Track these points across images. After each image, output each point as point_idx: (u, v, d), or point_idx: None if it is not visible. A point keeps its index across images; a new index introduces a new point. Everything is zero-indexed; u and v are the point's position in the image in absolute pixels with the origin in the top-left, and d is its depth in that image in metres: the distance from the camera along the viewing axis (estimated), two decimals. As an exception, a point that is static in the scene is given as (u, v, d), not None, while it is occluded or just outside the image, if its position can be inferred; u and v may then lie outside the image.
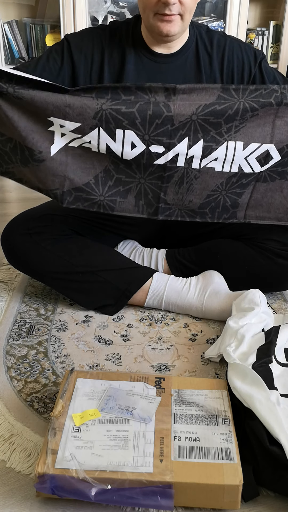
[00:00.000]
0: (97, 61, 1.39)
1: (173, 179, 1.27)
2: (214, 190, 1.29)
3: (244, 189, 1.31)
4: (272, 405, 0.97)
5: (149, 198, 1.30)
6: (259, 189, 1.31)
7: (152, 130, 1.20)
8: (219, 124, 1.20)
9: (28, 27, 2.96)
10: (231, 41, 1.43)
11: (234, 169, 1.26)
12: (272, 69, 1.47)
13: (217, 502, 0.88)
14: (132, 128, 1.19)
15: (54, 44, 1.44)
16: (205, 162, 1.25)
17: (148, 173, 1.26)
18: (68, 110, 1.18)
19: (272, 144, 1.24)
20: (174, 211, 1.33)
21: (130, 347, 1.33)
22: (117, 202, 1.30)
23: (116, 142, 1.21)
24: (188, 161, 1.24)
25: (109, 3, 2.97)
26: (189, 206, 1.32)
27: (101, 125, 1.19)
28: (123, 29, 1.41)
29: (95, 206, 1.30)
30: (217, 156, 1.24)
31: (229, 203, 1.32)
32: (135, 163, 1.25)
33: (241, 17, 2.95)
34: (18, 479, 0.96)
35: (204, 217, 1.34)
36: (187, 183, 1.27)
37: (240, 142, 1.23)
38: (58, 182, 1.27)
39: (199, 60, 1.41)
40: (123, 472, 0.88)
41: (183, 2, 1.27)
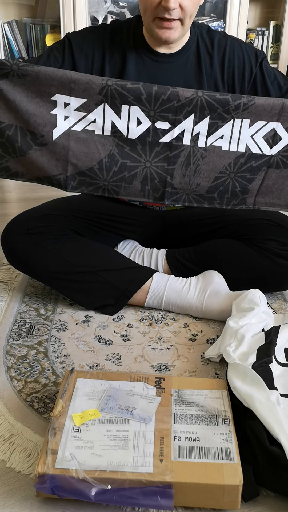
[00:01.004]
0: (98, 60, 1.40)
1: (180, 159, 1.25)
2: (222, 172, 1.27)
3: (255, 175, 1.28)
4: (272, 405, 0.97)
5: (155, 183, 1.28)
6: (271, 175, 1.29)
7: (157, 106, 1.19)
8: (227, 101, 1.19)
9: (28, 27, 2.96)
10: (232, 41, 1.43)
11: (241, 148, 1.25)
12: (273, 69, 1.47)
13: (217, 502, 0.88)
14: (138, 103, 1.19)
15: (55, 42, 1.44)
16: (211, 140, 1.23)
17: (153, 154, 1.24)
18: (74, 86, 1.17)
19: (279, 123, 1.22)
20: (182, 196, 1.30)
21: (130, 347, 1.33)
22: (122, 187, 1.28)
23: (122, 119, 1.20)
24: (194, 139, 1.23)
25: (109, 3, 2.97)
26: (197, 190, 1.29)
27: (107, 101, 1.19)
28: (124, 28, 1.41)
29: (99, 190, 1.29)
30: (223, 134, 1.23)
31: (239, 188, 1.30)
32: (141, 143, 1.23)
33: (241, 17, 2.95)
34: (18, 479, 0.96)
35: (212, 203, 1.31)
36: (193, 164, 1.26)
37: (247, 119, 1.21)
38: (61, 167, 1.25)
39: (200, 60, 1.41)
40: (123, 472, 0.88)
41: (183, 8, 1.26)
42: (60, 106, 1.19)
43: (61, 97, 1.18)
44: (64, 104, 1.19)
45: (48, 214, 1.48)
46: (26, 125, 1.21)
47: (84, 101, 1.19)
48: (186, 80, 1.41)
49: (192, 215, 1.57)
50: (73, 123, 1.21)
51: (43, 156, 1.24)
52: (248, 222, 1.50)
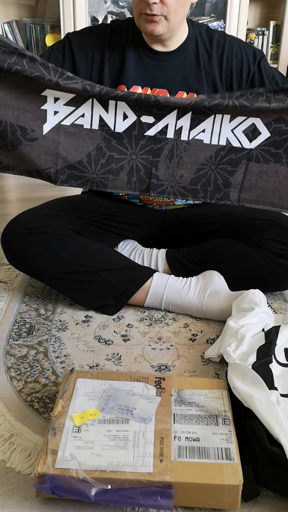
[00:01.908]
0: (98, 60, 1.41)
1: (164, 152, 1.29)
2: (204, 164, 1.31)
3: (235, 167, 1.31)
4: (272, 405, 0.97)
5: (141, 175, 1.32)
6: (252, 170, 1.31)
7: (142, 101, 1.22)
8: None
9: (28, 27, 2.96)
10: (231, 40, 1.44)
11: (222, 141, 1.28)
12: (271, 69, 1.48)
13: (217, 502, 0.88)
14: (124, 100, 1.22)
15: (56, 42, 1.45)
16: (194, 133, 1.27)
17: (139, 147, 1.28)
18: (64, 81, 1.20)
19: (258, 118, 1.25)
20: (166, 188, 1.34)
21: (130, 347, 1.33)
22: (110, 180, 1.32)
23: (109, 113, 1.24)
24: (177, 133, 1.27)
25: (109, 3, 2.97)
26: (181, 182, 1.33)
27: (95, 96, 1.22)
28: (123, 27, 1.43)
29: (88, 183, 1.33)
30: (205, 128, 1.27)
31: (221, 181, 1.33)
32: (127, 136, 1.27)
33: (241, 17, 2.95)
34: (18, 479, 0.96)
35: (196, 196, 1.35)
36: (177, 156, 1.30)
37: (228, 115, 1.25)
38: (51, 161, 1.29)
39: (199, 58, 1.42)
40: (123, 472, 0.88)
41: (165, 3, 1.28)
42: (50, 101, 1.22)
43: (51, 92, 1.21)
44: (54, 98, 1.22)
45: (48, 214, 1.48)
46: (16, 120, 1.24)
47: (73, 96, 1.22)
48: (186, 78, 1.42)
49: (192, 215, 1.57)
50: (63, 117, 1.25)
51: (33, 151, 1.27)
52: (248, 222, 1.50)
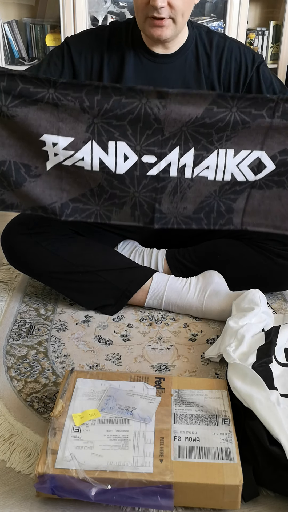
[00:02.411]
0: (97, 63, 1.40)
1: (167, 189, 1.27)
2: (208, 196, 1.29)
3: (238, 195, 1.30)
4: (272, 405, 0.97)
5: (144, 209, 1.31)
6: (255, 195, 1.30)
7: (143, 140, 1.21)
8: (210, 134, 1.20)
9: (28, 27, 2.95)
10: (231, 43, 1.42)
11: (227, 177, 1.26)
12: (270, 74, 1.45)
13: (217, 502, 0.88)
14: (124, 139, 1.21)
15: (54, 48, 1.44)
16: (197, 171, 1.25)
17: (142, 186, 1.26)
18: (61, 125, 1.19)
19: (263, 151, 1.23)
20: (170, 219, 1.33)
21: (130, 347, 1.33)
22: (114, 212, 1.31)
23: (109, 155, 1.22)
24: (181, 170, 1.25)
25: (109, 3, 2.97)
26: (184, 212, 1.32)
27: (94, 138, 1.20)
28: (122, 29, 1.41)
29: (92, 216, 1.31)
30: (209, 164, 1.24)
31: (223, 208, 1.31)
32: (129, 177, 1.25)
33: (241, 17, 2.95)
34: (18, 479, 0.96)
35: (200, 223, 1.34)
36: (180, 193, 1.28)
37: (231, 149, 1.22)
38: (55, 195, 1.28)
39: (199, 60, 1.41)
40: (123, 472, 0.88)
41: (173, 6, 1.26)
42: (48, 145, 1.21)
43: (49, 137, 1.20)
44: (52, 144, 1.21)
45: (48, 214, 1.48)
46: (20, 158, 1.23)
47: (72, 140, 1.21)
48: (185, 81, 1.41)
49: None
50: (63, 159, 1.23)
51: (37, 187, 1.26)
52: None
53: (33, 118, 1.18)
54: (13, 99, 1.16)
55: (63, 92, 1.16)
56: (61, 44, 1.43)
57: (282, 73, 3.18)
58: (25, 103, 1.17)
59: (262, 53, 3.22)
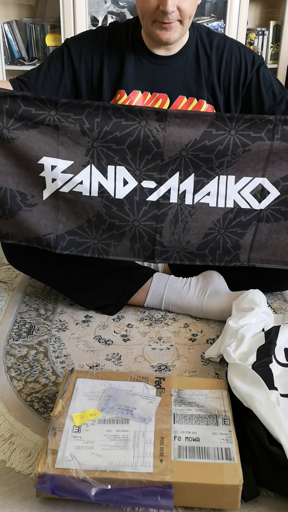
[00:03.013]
0: (97, 64, 1.39)
1: (168, 217, 1.25)
2: (211, 228, 1.26)
3: (245, 229, 1.27)
4: (272, 405, 0.97)
5: (144, 242, 1.28)
6: (263, 229, 1.27)
7: (142, 165, 1.20)
8: (210, 159, 1.19)
9: (28, 27, 2.95)
10: (231, 44, 1.42)
11: (229, 204, 1.24)
12: (270, 76, 1.44)
13: (217, 502, 0.88)
14: (123, 163, 1.20)
15: (54, 50, 1.44)
16: (198, 197, 1.23)
17: (141, 213, 1.24)
18: (61, 148, 1.19)
19: (265, 178, 1.21)
20: (172, 254, 1.30)
21: (130, 347, 1.33)
22: (112, 246, 1.29)
23: (108, 180, 1.21)
24: (181, 197, 1.23)
25: (109, 3, 2.97)
26: (187, 248, 1.28)
27: (93, 162, 1.20)
28: (123, 30, 1.41)
29: (89, 250, 1.29)
30: (209, 191, 1.23)
31: (230, 244, 1.28)
32: (128, 202, 1.23)
33: (241, 17, 2.95)
34: (18, 479, 0.96)
35: (204, 260, 1.30)
36: (182, 221, 1.25)
37: (232, 176, 1.21)
38: (51, 226, 1.26)
39: (199, 61, 1.40)
40: (123, 472, 0.88)
41: (181, 9, 1.26)
42: (47, 169, 1.20)
43: (48, 159, 1.19)
44: (51, 167, 1.20)
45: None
46: (16, 186, 1.22)
47: (71, 163, 1.20)
48: (185, 82, 1.41)
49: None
50: (60, 185, 1.22)
51: (33, 216, 1.25)
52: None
53: (33, 140, 1.18)
54: (15, 122, 1.16)
55: (64, 114, 1.17)
56: (61, 46, 1.42)
57: (282, 73, 3.18)
58: (26, 126, 1.17)
59: (262, 53, 3.22)
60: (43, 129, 1.17)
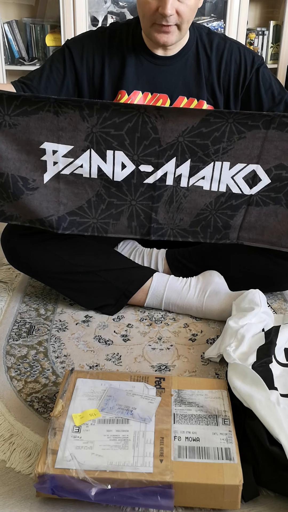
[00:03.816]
0: (98, 65, 1.40)
1: (163, 198, 1.29)
2: (204, 209, 1.31)
3: (235, 212, 1.32)
4: (272, 405, 0.97)
5: (141, 219, 1.33)
6: (252, 212, 1.32)
7: (140, 150, 1.23)
8: (206, 145, 1.22)
9: (28, 27, 2.95)
10: (231, 44, 1.42)
11: (222, 188, 1.28)
12: (270, 77, 1.45)
13: (217, 502, 0.88)
14: (122, 149, 1.22)
15: (55, 52, 1.45)
16: (193, 180, 1.27)
17: (138, 193, 1.28)
18: (61, 133, 1.21)
19: (258, 165, 1.24)
20: (166, 231, 1.35)
21: (130, 347, 1.33)
22: (110, 224, 1.34)
23: (107, 163, 1.24)
24: (177, 180, 1.27)
25: (109, 3, 2.97)
26: (180, 224, 1.34)
27: (92, 147, 1.22)
28: (123, 31, 1.42)
29: (89, 229, 1.34)
30: (204, 175, 1.26)
31: (220, 223, 1.33)
32: (126, 184, 1.27)
33: (241, 17, 2.95)
34: (18, 479, 0.96)
35: (196, 237, 1.36)
36: (176, 202, 1.30)
37: (227, 162, 1.24)
38: (52, 208, 1.30)
39: (199, 62, 1.41)
40: (123, 472, 0.88)
41: (180, 13, 1.27)
42: (48, 153, 1.23)
43: (49, 144, 1.22)
44: (53, 151, 1.23)
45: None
46: (17, 171, 1.25)
47: (71, 148, 1.23)
48: (185, 82, 1.41)
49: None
50: (62, 167, 1.26)
51: (34, 200, 1.29)
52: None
53: (34, 126, 1.20)
54: (15, 108, 1.18)
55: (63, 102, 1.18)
56: (62, 48, 1.43)
57: (282, 73, 3.18)
58: (26, 112, 1.19)
59: (262, 53, 3.22)
60: (43, 115, 1.19)
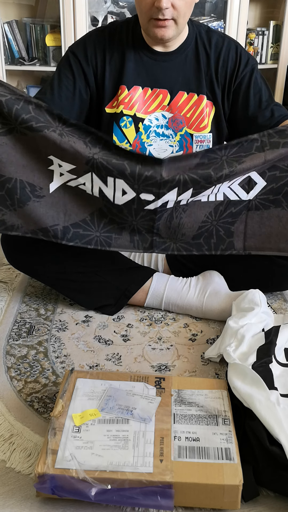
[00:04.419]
0: (100, 63, 1.42)
1: (163, 216, 1.29)
2: (204, 221, 1.31)
3: (235, 218, 1.31)
4: (272, 405, 0.97)
5: (143, 234, 1.33)
6: (253, 217, 1.31)
7: (141, 181, 1.21)
8: (209, 175, 1.20)
9: (28, 27, 2.95)
10: (229, 42, 1.44)
11: (220, 197, 1.28)
12: (261, 82, 1.47)
13: (217, 502, 0.88)
14: (122, 178, 1.21)
15: (60, 61, 1.46)
16: (192, 199, 1.27)
17: (139, 216, 1.28)
18: (64, 154, 1.21)
19: (254, 171, 1.25)
20: (170, 245, 1.34)
21: (130, 347, 1.33)
22: (113, 238, 1.33)
23: (108, 187, 1.24)
24: (177, 202, 1.27)
25: (109, 3, 2.97)
26: (183, 239, 1.33)
27: (93, 171, 1.22)
28: (123, 28, 1.43)
29: (92, 242, 1.33)
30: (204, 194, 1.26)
31: (222, 231, 1.33)
32: (126, 209, 1.27)
33: (241, 17, 2.95)
34: (18, 479, 0.96)
35: (200, 249, 1.35)
36: (176, 218, 1.30)
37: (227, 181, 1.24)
38: (57, 218, 1.30)
39: (199, 57, 1.43)
40: (123, 472, 0.88)
41: (176, 7, 1.28)
42: (55, 164, 1.24)
43: (55, 159, 1.23)
44: (58, 165, 1.23)
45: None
46: (26, 177, 1.25)
47: (74, 167, 1.23)
48: (185, 78, 1.43)
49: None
50: (67, 180, 1.26)
51: (41, 207, 1.28)
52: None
53: (39, 140, 1.20)
54: (22, 122, 1.18)
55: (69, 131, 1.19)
56: (66, 55, 1.45)
57: (282, 73, 3.18)
58: (31, 128, 1.19)
59: (262, 53, 3.22)
60: (47, 133, 1.19)
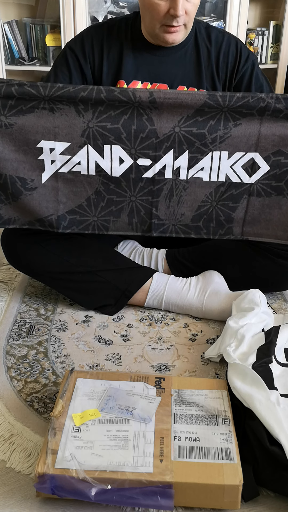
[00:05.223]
0: (98, 56, 1.43)
1: (163, 192, 1.29)
2: (204, 201, 1.31)
3: (237, 203, 1.31)
4: (272, 405, 0.97)
5: (141, 215, 1.33)
6: (254, 204, 1.31)
7: (137, 144, 1.22)
8: (203, 135, 1.22)
9: (28, 27, 2.95)
10: (229, 38, 1.46)
11: (221, 178, 1.28)
12: (262, 77, 1.48)
13: (217, 502, 0.88)
14: (119, 143, 1.22)
15: (57, 58, 1.47)
16: (192, 172, 1.27)
17: (138, 189, 1.28)
18: (58, 130, 1.21)
19: (257, 153, 1.25)
20: (168, 227, 1.35)
21: (130, 347, 1.33)
22: (111, 222, 1.33)
23: (105, 159, 1.24)
24: (175, 173, 1.26)
25: (109, 3, 2.97)
26: (182, 220, 1.33)
27: (89, 142, 1.22)
28: (122, 24, 1.45)
29: (89, 227, 1.33)
30: (203, 166, 1.26)
31: (223, 217, 1.33)
32: (125, 180, 1.27)
33: (241, 17, 2.95)
34: (18, 479, 0.96)
35: (199, 233, 1.35)
36: (176, 195, 1.30)
37: (225, 151, 1.24)
38: (52, 208, 1.30)
39: (199, 52, 1.44)
40: (123, 472, 0.88)
41: (188, 12, 1.30)
42: (46, 152, 1.24)
43: (46, 143, 1.23)
44: (50, 149, 1.23)
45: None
46: (15, 172, 1.26)
47: (68, 145, 1.23)
48: (185, 72, 1.43)
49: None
50: (59, 166, 1.26)
51: (34, 200, 1.29)
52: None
53: (30, 125, 1.20)
54: (11, 109, 1.19)
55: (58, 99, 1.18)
56: (63, 51, 1.45)
57: (282, 73, 3.18)
58: (22, 111, 1.19)
59: (262, 53, 3.22)
60: (38, 113, 1.19)
